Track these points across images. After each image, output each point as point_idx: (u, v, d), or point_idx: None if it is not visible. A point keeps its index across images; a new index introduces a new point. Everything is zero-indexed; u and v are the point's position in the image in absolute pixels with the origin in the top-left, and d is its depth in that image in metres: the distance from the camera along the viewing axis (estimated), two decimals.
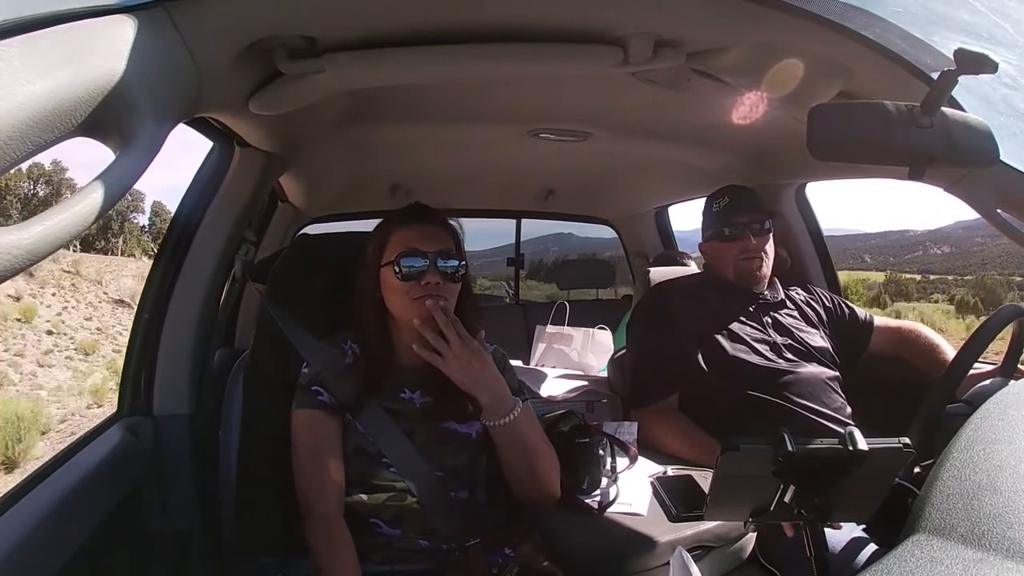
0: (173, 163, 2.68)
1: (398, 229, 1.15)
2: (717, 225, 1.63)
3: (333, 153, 1.89)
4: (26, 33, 0.51)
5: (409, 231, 1.13)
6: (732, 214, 1.61)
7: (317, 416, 1.10)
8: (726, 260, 1.62)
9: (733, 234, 1.60)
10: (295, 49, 0.96)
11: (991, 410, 0.63)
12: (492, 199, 2.97)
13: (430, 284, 1.09)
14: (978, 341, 1.11)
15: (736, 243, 1.59)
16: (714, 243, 1.64)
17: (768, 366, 1.47)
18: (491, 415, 1.09)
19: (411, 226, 1.14)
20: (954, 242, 51.84)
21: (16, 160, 0.48)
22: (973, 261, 48.22)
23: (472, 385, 1.09)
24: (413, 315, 1.10)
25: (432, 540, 1.08)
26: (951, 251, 51.32)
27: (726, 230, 1.61)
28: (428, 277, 1.09)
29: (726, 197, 1.63)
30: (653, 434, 1.47)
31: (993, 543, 0.44)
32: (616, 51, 1.03)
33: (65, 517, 0.93)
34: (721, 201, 1.63)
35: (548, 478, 1.14)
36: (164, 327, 1.27)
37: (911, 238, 55.12)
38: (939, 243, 52.84)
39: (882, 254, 53.85)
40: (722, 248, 1.62)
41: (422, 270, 1.10)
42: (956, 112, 0.83)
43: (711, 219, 1.65)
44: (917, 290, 41.48)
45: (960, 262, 49.20)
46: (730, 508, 0.90)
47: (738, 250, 1.59)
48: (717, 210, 1.63)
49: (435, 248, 1.11)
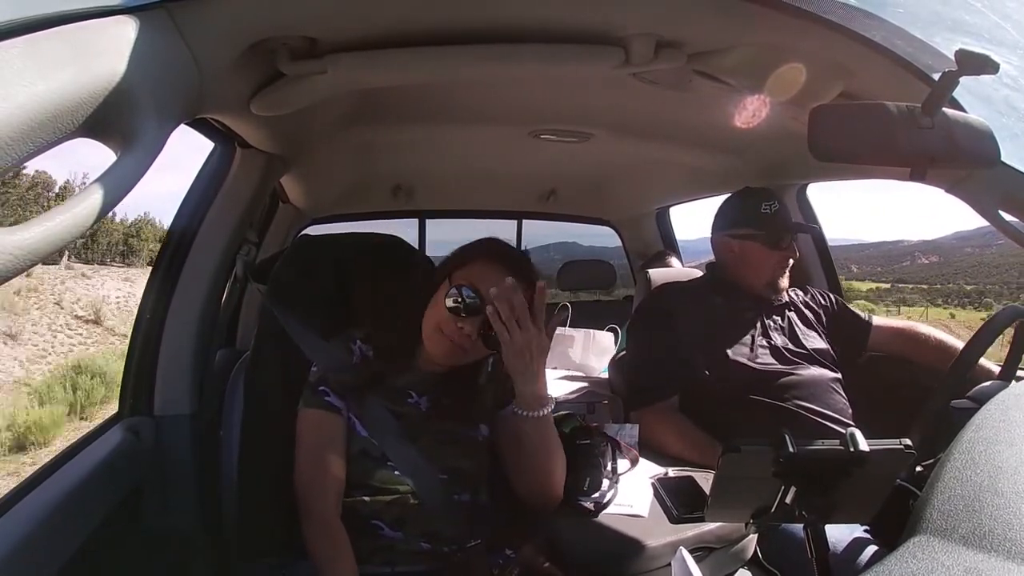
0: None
1: (479, 259, 1.12)
2: (767, 231, 1.57)
3: (334, 154, 1.89)
4: (28, 34, 0.51)
5: (488, 267, 1.10)
6: (783, 222, 1.57)
7: (323, 416, 1.10)
8: (763, 267, 1.58)
9: (783, 244, 1.56)
10: (296, 50, 0.96)
11: (992, 411, 0.63)
12: (493, 200, 2.97)
13: (463, 329, 1.06)
14: (979, 342, 1.11)
15: (780, 254, 1.56)
16: (753, 244, 1.58)
17: (769, 369, 1.47)
18: (527, 405, 1.08)
19: (495, 265, 1.10)
20: (944, 252, 52.73)
21: (18, 160, 0.48)
22: (949, 271, 49.51)
23: (520, 369, 1.05)
24: (431, 344, 1.10)
25: (434, 542, 1.08)
26: (938, 261, 52.10)
27: (777, 239, 1.56)
28: (467, 324, 1.06)
29: (776, 203, 1.58)
30: (653, 435, 1.46)
31: (994, 544, 0.44)
32: (618, 52, 1.03)
33: (66, 517, 0.93)
34: (772, 206, 1.58)
35: (559, 478, 1.14)
36: (165, 327, 1.27)
37: (903, 248, 55.70)
38: (928, 253, 53.41)
39: (870, 263, 54.32)
40: (763, 254, 1.57)
41: (469, 312, 1.06)
42: (957, 113, 0.83)
43: (754, 220, 1.58)
44: (877, 299, 42.50)
45: (940, 272, 50.37)
46: (731, 509, 0.90)
47: (779, 260, 1.57)
48: (767, 214, 1.57)
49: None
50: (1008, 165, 0.91)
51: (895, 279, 50.40)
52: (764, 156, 1.84)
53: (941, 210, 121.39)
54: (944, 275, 49.86)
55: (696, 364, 1.50)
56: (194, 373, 1.29)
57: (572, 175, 2.57)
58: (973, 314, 37.71)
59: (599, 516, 1.18)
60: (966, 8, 1.02)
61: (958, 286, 47.70)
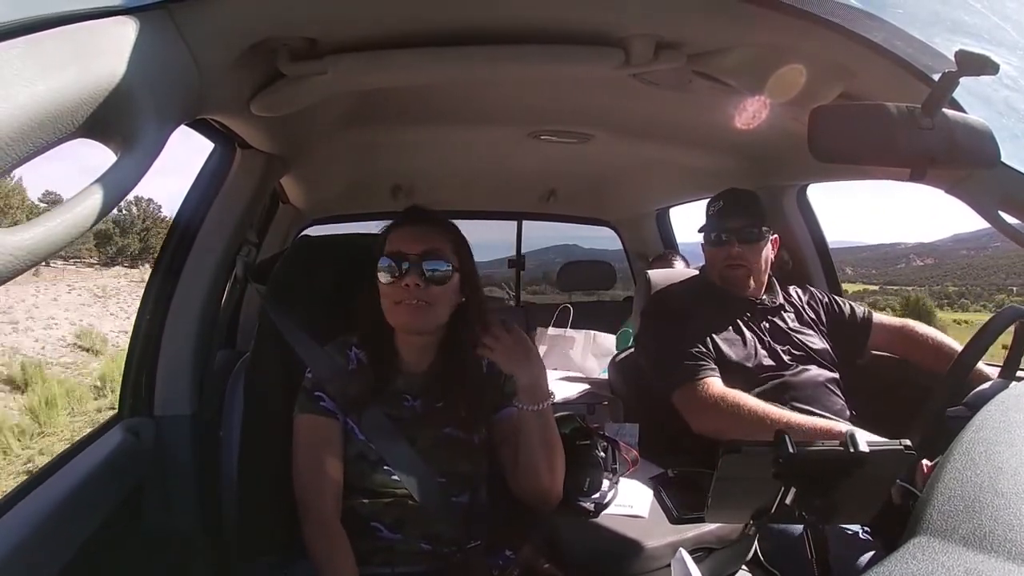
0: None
1: (391, 232, 1.14)
2: (707, 229, 1.62)
3: (334, 154, 1.89)
4: (29, 34, 0.51)
5: (399, 233, 1.12)
6: (724, 219, 1.59)
7: (318, 421, 1.09)
8: (713, 266, 1.62)
9: (720, 240, 1.58)
10: (297, 50, 0.96)
11: (992, 412, 0.63)
12: (494, 200, 2.97)
13: (409, 287, 1.07)
14: (980, 343, 1.11)
15: (722, 249, 1.58)
16: (705, 246, 1.64)
17: (766, 371, 1.47)
18: (528, 399, 1.08)
19: (402, 228, 1.13)
20: (939, 254, 53.08)
21: (18, 161, 0.48)
22: (939, 273, 50.02)
23: (517, 368, 1.08)
24: (394, 320, 1.10)
25: (433, 543, 1.08)
26: (933, 263, 52.39)
27: (713, 235, 1.60)
28: (408, 279, 1.07)
29: (721, 201, 1.61)
30: (700, 411, 1.39)
31: (994, 545, 0.44)
32: (618, 53, 1.03)
33: (67, 517, 0.93)
34: (716, 205, 1.62)
35: (560, 474, 1.14)
36: (166, 328, 1.27)
37: (900, 250, 55.95)
38: (924, 255, 53.64)
39: (865, 266, 54.50)
40: (710, 253, 1.62)
41: (403, 271, 1.08)
42: (957, 114, 0.83)
43: (706, 222, 1.64)
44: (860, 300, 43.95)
45: (931, 274, 50.91)
46: (731, 510, 0.90)
47: (723, 256, 1.58)
48: (712, 214, 1.62)
49: (419, 249, 1.08)
50: (1008, 166, 0.91)
51: (885, 281, 50.83)
52: (764, 157, 1.84)
53: (941, 212, 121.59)
54: (934, 277, 50.52)
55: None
56: (194, 374, 1.29)
57: (572, 176, 2.57)
58: (949, 315, 38.14)
59: (599, 516, 1.18)
60: (966, 9, 1.02)
61: (943, 288, 48.71)
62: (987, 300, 45.36)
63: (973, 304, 45.63)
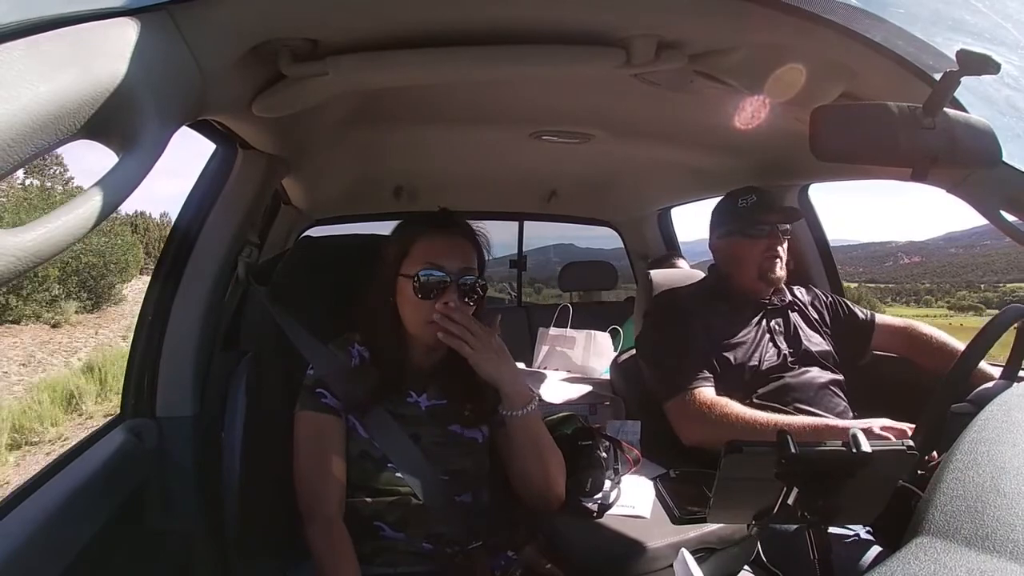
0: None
1: (422, 238, 1.12)
2: (742, 223, 1.58)
3: (336, 155, 1.89)
4: (30, 35, 0.51)
5: (433, 243, 1.11)
6: (760, 212, 1.56)
7: (320, 419, 1.09)
8: (748, 259, 1.58)
9: (760, 232, 1.56)
10: (298, 51, 0.96)
11: (994, 412, 0.63)
12: (495, 201, 2.97)
13: (447, 305, 1.07)
14: (981, 343, 1.11)
15: (762, 242, 1.55)
16: (734, 240, 1.59)
17: (769, 373, 1.47)
18: (512, 405, 1.09)
19: (436, 238, 1.12)
20: (927, 253, 53.23)
21: (20, 162, 0.48)
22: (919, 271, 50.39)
23: (496, 374, 1.08)
24: (420, 333, 1.10)
25: (436, 543, 1.08)
26: (920, 262, 52.48)
27: (753, 229, 1.56)
28: (447, 297, 1.07)
29: (753, 196, 1.59)
30: (688, 422, 1.41)
31: (997, 545, 0.44)
32: (619, 53, 1.03)
33: (68, 518, 0.93)
34: (748, 199, 1.59)
35: (558, 477, 1.14)
36: (167, 329, 1.27)
37: (889, 249, 56.04)
38: (912, 254, 53.71)
39: (853, 264, 54.51)
40: (745, 246, 1.58)
41: (442, 289, 1.08)
42: (959, 113, 0.83)
43: (733, 217, 1.60)
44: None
45: (913, 272, 51.28)
46: (733, 510, 0.89)
47: (763, 248, 1.55)
48: (744, 207, 1.58)
49: (459, 265, 1.09)
50: (1010, 165, 0.91)
51: (866, 279, 50.91)
52: (765, 157, 1.84)
53: (937, 211, 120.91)
54: (915, 275, 50.61)
55: (710, 364, 1.49)
56: (196, 375, 1.29)
57: (573, 176, 2.57)
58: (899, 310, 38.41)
59: (601, 517, 1.18)
60: (967, 8, 1.02)
61: (913, 285, 49.07)
62: (950, 296, 45.54)
63: (937, 301, 45.84)
